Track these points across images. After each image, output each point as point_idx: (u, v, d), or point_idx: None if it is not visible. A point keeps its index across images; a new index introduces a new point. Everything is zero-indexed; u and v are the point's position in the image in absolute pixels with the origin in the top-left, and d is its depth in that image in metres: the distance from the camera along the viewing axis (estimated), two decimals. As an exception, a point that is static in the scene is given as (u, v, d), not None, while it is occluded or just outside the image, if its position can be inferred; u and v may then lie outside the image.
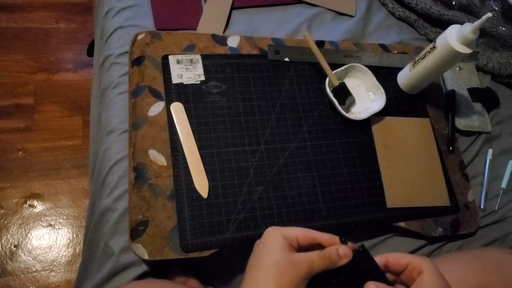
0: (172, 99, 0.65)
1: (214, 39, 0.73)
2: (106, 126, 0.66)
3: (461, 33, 0.62)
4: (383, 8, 0.91)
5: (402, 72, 0.77)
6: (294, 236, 0.41)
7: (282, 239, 0.40)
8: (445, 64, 0.68)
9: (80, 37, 1.36)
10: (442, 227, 0.68)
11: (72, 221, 1.10)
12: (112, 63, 0.70)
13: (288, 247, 0.40)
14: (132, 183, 0.58)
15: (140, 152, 0.61)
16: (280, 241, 0.40)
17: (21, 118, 1.20)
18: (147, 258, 0.54)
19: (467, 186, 0.73)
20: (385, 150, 0.70)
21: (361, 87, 0.74)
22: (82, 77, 1.29)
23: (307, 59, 0.74)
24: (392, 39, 0.85)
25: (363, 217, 0.65)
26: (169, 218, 0.58)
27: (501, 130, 0.83)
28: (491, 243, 0.72)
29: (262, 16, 0.81)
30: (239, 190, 0.62)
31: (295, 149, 0.67)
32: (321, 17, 0.84)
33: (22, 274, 1.02)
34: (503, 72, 0.87)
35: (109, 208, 0.59)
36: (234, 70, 0.70)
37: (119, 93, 0.67)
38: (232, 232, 0.59)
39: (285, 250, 0.39)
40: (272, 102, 0.69)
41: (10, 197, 1.10)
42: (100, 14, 0.80)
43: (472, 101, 0.82)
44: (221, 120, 0.66)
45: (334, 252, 0.40)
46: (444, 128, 0.77)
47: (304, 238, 0.41)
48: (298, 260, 0.39)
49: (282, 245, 0.39)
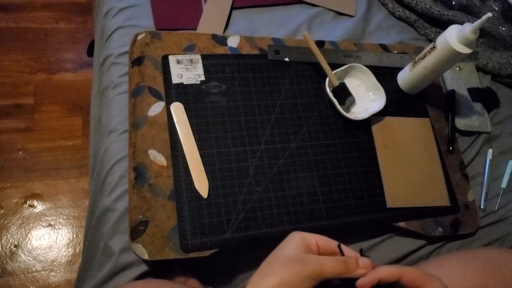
0: (172, 99, 0.65)
1: (214, 39, 0.73)
2: (106, 126, 0.66)
3: (461, 33, 0.62)
4: (383, 8, 0.91)
5: (402, 72, 0.77)
6: (315, 239, 0.41)
7: (300, 239, 0.40)
8: (445, 64, 0.68)
9: (80, 37, 1.36)
10: (442, 227, 0.68)
11: (72, 221, 1.10)
12: (112, 63, 0.70)
13: (305, 247, 0.40)
14: (132, 183, 0.59)
15: (140, 152, 0.61)
16: (297, 241, 0.40)
17: (21, 118, 1.20)
18: (147, 258, 0.54)
19: (467, 186, 0.73)
20: (385, 150, 0.70)
21: (361, 87, 0.74)
22: (82, 77, 1.29)
23: (307, 59, 0.74)
24: (392, 39, 0.85)
25: (363, 217, 0.65)
26: (169, 218, 0.58)
27: (501, 130, 0.83)
28: (491, 243, 0.72)
29: (262, 16, 0.81)
30: (239, 190, 0.62)
31: (295, 149, 0.67)
32: (321, 17, 0.84)
33: (22, 274, 1.02)
34: (503, 72, 0.87)
35: (109, 208, 0.59)
36: (234, 70, 0.70)
37: (119, 93, 0.68)
38: (232, 232, 0.59)
39: (299, 248, 0.39)
40: (272, 102, 0.69)
41: (10, 197, 1.10)
42: (100, 14, 0.80)
43: (472, 101, 0.82)
44: (221, 120, 0.66)
45: (352, 260, 0.39)
46: (444, 128, 0.77)
47: (325, 244, 0.41)
48: (308, 258, 0.38)
49: (298, 244, 0.40)
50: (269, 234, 0.60)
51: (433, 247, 0.69)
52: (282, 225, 0.61)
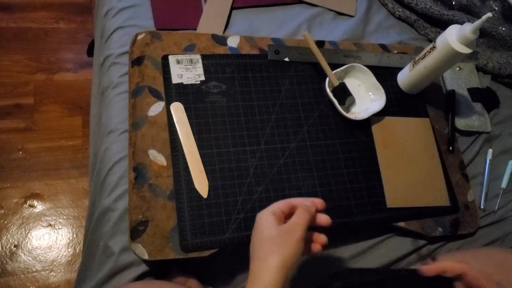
0: (172, 99, 0.65)
1: (214, 39, 0.73)
2: (106, 126, 0.66)
3: (461, 33, 0.62)
4: (383, 8, 0.91)
5: (402, 72, 0.77)
6: (279, 208, 0.46)
7: (271, 216, 0.45)
8: (445, 64, 0.68)
9: (80, 37, 1.36)
10: (442, 227, 0.68)
11: (72, 221, 1.10)
12: (112, 63, 0.70)
13: (278, 221, 0.45)
14: (132, 183, 0.58)
15: (140, 152, 0.61)
16: (270, 219, 0.45)
17: (21, 118, 1.20)
18: (147, 258, 0.54)
19: (467, 186, 0.73)
20: (385, 150, 0.70)
21: (361, 87, 0.74)
22: (82, 77, 1.29)
23: (307, 59, 0.74)
24: (392, 39, 0.85)
25: (363, 217, 0.65)
26: (169, 218, 0.58)
27: (501, 130, 0.83)
28: (491, 243, 0.72)
29: (262, 16, 0.81)
30: (239, 190, 0.61)
31: (295, 149, 0.67)
32: (321, 17, 0.84)
33: (22, 274, 1.02)
34: (503, 72, 0.87)
35: (109, 208, 0.59)
36: (234, 70, 0.70)
37: (119, 93, 0.67)
38: (232, 232, 0.59)
39: (275, 224, 0.44)
40: (272, 102, 0.69)
41: (10, 197, 1.10)
42: (100, 14, 0.80)
43: (472, 101, 0.82)
44: (221, 120, 0.66)
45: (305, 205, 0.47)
46: (444, 128, 0.77)
47: (285, 206, 0.47)
48: (288, 227, 0.44)
49: (272, 221, 0.44)
50: (269, 234, 0.60)
51: (433, 247, 0.69)
52: (282, 225, 0.61)
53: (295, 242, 0.43)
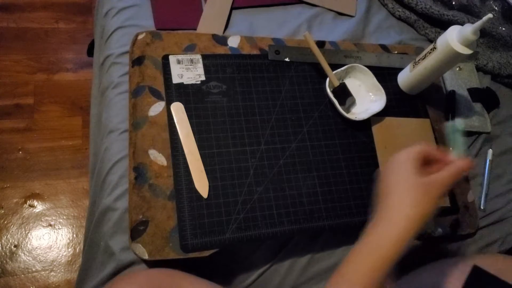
0: (172, 99, 0.65)
1: (215, 39, 0.73)
2: (106, 126, 0.66)
3: (461, 34, 0.62)
4: (383, 8, 0.91)
5: (402, 73, 0.77)
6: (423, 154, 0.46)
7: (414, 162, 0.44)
8: (446, 64, 0.68)
9: (80, 37, 1.36)
10: (442, 227, 0.68)
11: (72, 221, 1.10)
12: (112, 63, 0.70)
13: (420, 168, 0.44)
14: (132, 183, 0.58)
15: (140, 152, 0.61)
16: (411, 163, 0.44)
17: (21, 118, 1.20)
18: (147, 258, 0.54)
19: (467, 186, 0.73)
20: (385, 151, 0.70)
21: (362, 88, 0.74)
22: (82, 77, 1.29)
23: (307, 59, 0.74)
24: (392, 39, 0.85)
25: (363, 217, 0.65)
26: (169, 218, 0.58)
27: (501, 130, 0.83)
28: (491, 243, 0.72)
29: (262, 16, 0.81)
30: (239, 190, 0.62)
31: (295, 149, 0.67)
32: (321, 17, 0.84)
33: (22, 274, 1.02)
34: (503, 72, 0.87)
35: (110, 208, 0.59)
36: (234, 70, 0.70)
37: (119, 93, 0.68)
38: (232, 232, 0.59)
39: (416, 171, 0.44)
40: (272, 103, 0.69)
41: (10, 197, 1.10)
42: (100, 14, 0.80)
43: (472, 101, 0.82)
44: (221, 120, 0.66)
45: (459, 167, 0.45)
46: (444, 128, 0.77)
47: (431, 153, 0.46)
48: (435, 182, 0.44)
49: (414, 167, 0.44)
50: (269, 234, 0.60)
51: (433, 247, 0.69)
52: (282, 225, 0.61)
53: (437, 198, 0.44)
